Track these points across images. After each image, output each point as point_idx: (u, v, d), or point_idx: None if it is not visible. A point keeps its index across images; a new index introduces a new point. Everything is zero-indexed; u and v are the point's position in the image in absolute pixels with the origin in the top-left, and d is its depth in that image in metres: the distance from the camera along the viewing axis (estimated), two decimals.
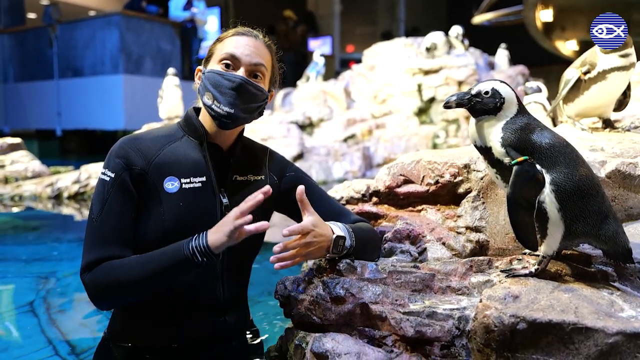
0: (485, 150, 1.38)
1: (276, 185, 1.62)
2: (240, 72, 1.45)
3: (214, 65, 1.47)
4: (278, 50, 1.59)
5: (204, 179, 1.46)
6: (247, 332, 1.65)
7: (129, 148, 1.43)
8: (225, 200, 1.48)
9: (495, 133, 1.35)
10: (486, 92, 1.36)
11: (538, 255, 1.37)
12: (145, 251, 1.36)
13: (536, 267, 1.36)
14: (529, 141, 1.31)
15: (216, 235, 1.29)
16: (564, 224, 1.29)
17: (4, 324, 2.53)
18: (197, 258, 1.29)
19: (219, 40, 1.52)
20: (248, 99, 1.46)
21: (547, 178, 1.28)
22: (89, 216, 1.41)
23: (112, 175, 1.40)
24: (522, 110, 1.37)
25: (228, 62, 1.45)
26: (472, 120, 1.41)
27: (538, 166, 1.29)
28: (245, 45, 1.47)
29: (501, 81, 1.39)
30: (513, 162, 1.29)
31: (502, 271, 1.42)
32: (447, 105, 1.38)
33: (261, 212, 1.57)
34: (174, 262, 1.31)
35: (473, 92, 1.37)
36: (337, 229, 1.46)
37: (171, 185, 1.42)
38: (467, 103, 1.37)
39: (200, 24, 12.59)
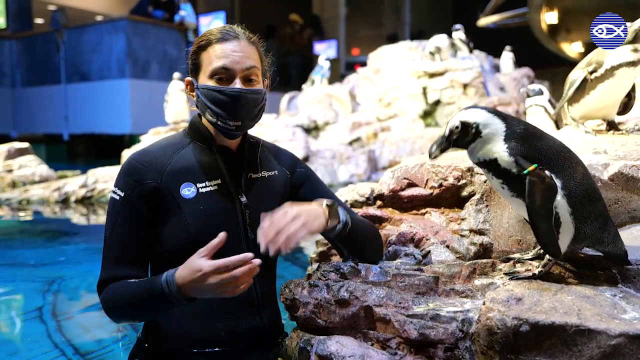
0: (488, 164, 1.34)
1: (288, 179, 1.62)
2: (236, 82, 1.41)
3: (206, 80, 1.42)
4: (260, 39, 1.53)
5: (219, 181, 1.47)
6: (279, 338, 1.60)
7: (138, 164, 1.43)
8: (244, 199, 1.48)
9: (497, 146, 1.31)
10: (456, 127, 1.33)
11: (542, 258, 1.38)
12: (172, 260, 1.36)
13: (540, 269, 1.36)
14: (535, 148, 1.30)
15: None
16: (574, 227, 1.30)
17: (13, 328, 2.55)
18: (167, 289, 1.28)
19: (201, 48, 1.44)
20: (250, 106, 1.44)
21: (558, 183, 1.28)
22: (104, 234, 1.43)
23: (122, 194, 1.40)
24: (507, 118, 1.33)
25: (221, 76, 1.41)
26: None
27: (547, 172, 1.28)
28: (233, 53, 1.41)
29: (472, 106, 1.36)
30: (525, 172, 1.26)
31: (505, 274, 1.42)
32: (434, 157, 1.37)
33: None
34: (151, 294, 1.31)
35: (446, 133, 1.35)
36: (325, 200, 1.43)
37: (188, 191, 1.43)
38: (448, 145, 1.36)
39: (190, 26, 12.56)
